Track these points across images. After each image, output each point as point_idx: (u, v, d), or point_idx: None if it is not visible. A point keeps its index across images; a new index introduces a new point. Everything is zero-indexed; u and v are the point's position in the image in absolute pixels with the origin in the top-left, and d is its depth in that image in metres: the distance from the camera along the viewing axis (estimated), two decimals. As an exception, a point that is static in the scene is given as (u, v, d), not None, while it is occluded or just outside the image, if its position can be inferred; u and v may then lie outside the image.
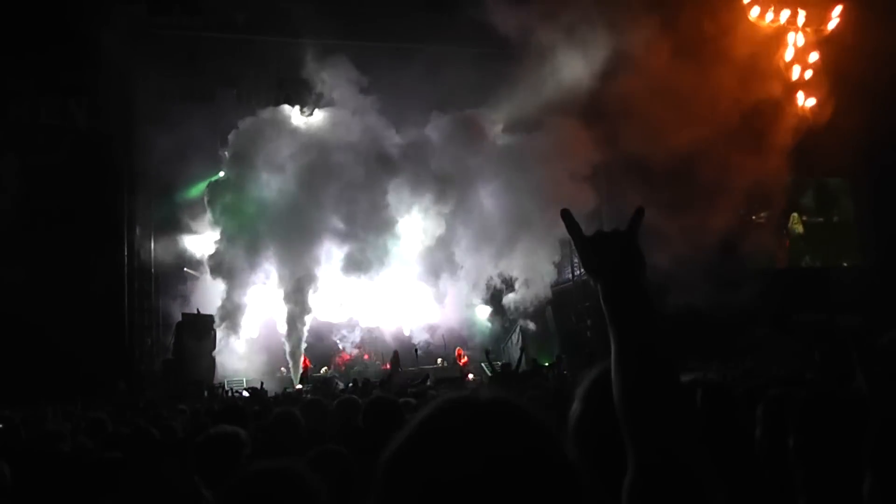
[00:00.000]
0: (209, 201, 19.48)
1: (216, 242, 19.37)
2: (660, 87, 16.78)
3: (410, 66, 18.19)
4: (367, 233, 19.33)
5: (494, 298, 21.44)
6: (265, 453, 3.18)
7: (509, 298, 20.82)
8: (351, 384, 14.66)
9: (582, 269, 21.54)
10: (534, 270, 20.60)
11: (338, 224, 19.44)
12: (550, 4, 17.53)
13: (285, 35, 18.85)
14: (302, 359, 19.58)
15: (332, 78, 18.97)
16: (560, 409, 1.57)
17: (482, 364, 17.51)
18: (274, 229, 19.14)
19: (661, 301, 15.65)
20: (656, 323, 1.31)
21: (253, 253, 19.23)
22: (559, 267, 21.89)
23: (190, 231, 20.15)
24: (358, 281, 20.09)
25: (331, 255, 19.94)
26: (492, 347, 18.36)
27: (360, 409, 4.09)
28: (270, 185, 19.37)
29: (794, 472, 2.15)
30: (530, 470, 0.89)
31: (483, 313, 21.88)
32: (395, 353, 19.05)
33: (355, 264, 19.43)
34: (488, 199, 20.70)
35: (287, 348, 19.39)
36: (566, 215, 1.41)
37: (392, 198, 19.75)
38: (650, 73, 16.83)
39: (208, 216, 19.63)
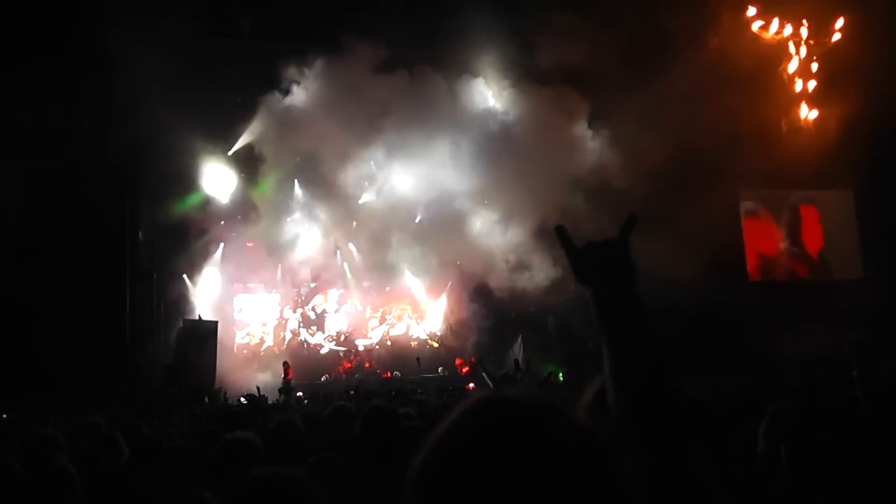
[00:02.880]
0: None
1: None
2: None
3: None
4: None
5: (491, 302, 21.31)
6: (265, 460, 3.16)
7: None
8: (352, 392, 14.59)
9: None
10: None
11: None
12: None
13: (289, 41, 18.92)
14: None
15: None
16: None
17: (482, 374, 17.46)
18: None
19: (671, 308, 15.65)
20: (648, 331, 1.30)
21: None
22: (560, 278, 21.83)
23: (192, 237, 20.19)
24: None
25: None
26: (494, 357, 18.25)
27: (357, 418, 4.07)
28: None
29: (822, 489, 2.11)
30: (581, 479, 0.84)
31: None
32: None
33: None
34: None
35: None
36: (560, 231, 1.42)
37: None
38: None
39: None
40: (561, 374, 17.38)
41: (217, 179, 20.10)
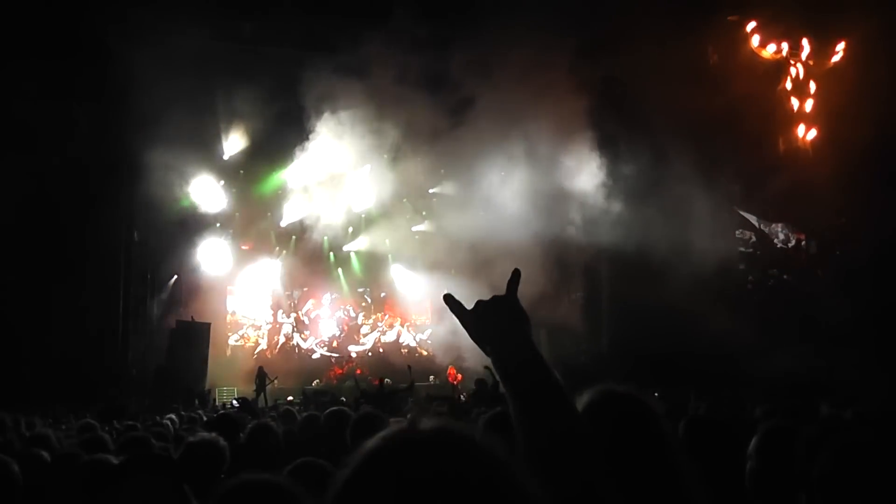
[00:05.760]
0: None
1: None
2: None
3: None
4: None
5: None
6: (243, 466, 3.15)
7: None
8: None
9: (577, 294, 21.58)
10: None
11: None
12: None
13: (289, 45, 18.96)
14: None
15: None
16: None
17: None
18: None
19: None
20: (551, 376, 1.35)
21: None
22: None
23: (188, 238, 20.17)
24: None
25: None
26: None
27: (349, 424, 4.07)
28: None
29: None
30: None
31: None
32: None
33: None
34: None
35: None
36: (448, 299, 1.45)
37: None
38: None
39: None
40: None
41: (213, 181, 20.11)
